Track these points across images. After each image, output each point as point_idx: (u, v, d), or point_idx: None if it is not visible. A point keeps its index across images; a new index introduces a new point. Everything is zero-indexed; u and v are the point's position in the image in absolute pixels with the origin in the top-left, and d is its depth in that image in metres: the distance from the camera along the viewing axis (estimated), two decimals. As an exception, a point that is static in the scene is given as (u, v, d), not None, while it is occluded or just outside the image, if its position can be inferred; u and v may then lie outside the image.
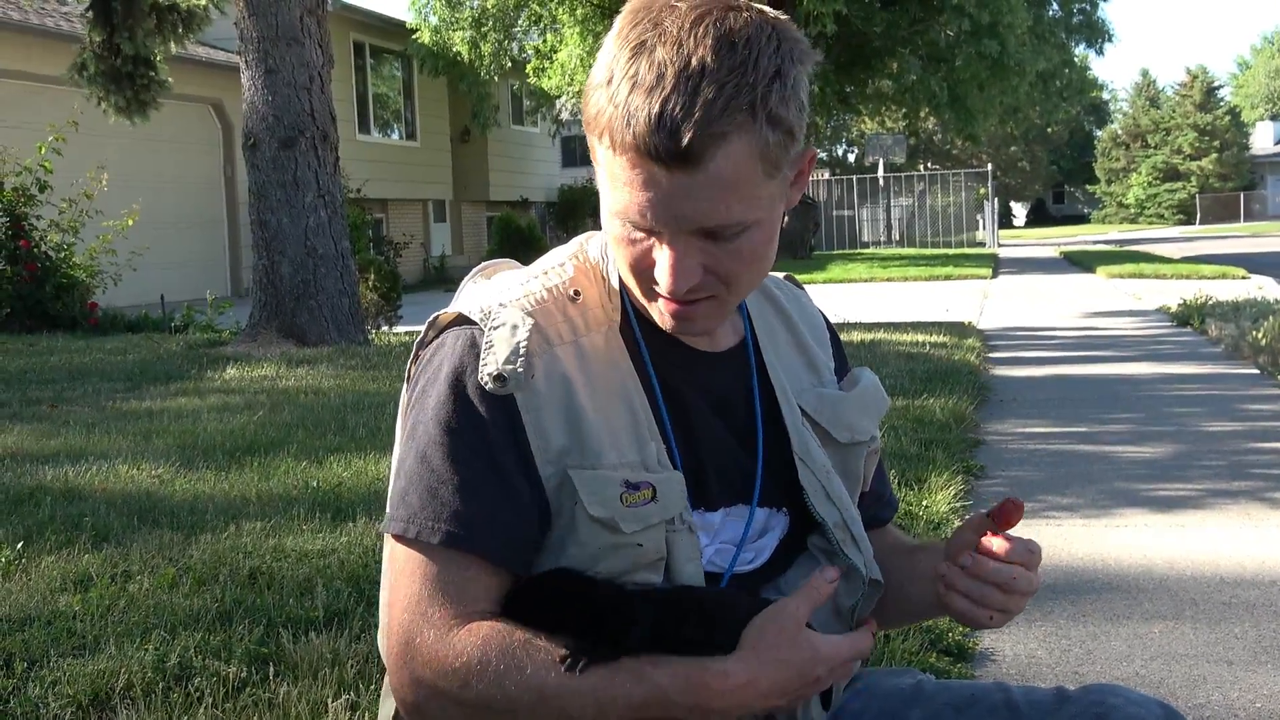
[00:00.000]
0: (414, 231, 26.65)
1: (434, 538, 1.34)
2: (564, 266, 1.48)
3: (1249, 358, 9.22)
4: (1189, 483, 5.40)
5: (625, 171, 1.29)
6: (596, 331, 1.43)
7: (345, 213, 10.92)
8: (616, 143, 1.28)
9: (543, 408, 1.37)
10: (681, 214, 1.29)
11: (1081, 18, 30.30)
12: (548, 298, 1.44)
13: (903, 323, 12.05)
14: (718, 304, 1.39)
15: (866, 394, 1.63)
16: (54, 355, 9.85)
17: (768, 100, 1.26)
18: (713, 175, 1.26)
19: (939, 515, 4.60)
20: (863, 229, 39.55)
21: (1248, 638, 3.44)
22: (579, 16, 23.78)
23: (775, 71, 1.27)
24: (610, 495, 1.36)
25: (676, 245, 1.32)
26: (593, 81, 1.33)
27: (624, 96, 1.26)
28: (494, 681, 1.28)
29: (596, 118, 1.31)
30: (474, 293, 1.51)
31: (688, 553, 1.41)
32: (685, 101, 1.23)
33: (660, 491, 1.38)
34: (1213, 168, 69.39)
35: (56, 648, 3.03)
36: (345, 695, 2.75)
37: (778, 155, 1.30)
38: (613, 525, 1.36)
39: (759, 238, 1.35)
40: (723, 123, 1.24)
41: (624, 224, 1.34)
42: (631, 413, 1.42)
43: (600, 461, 1.38)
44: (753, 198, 1.31)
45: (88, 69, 12.36)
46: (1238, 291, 14.74)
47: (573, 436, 1.38)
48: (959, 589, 1.45)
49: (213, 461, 5.42)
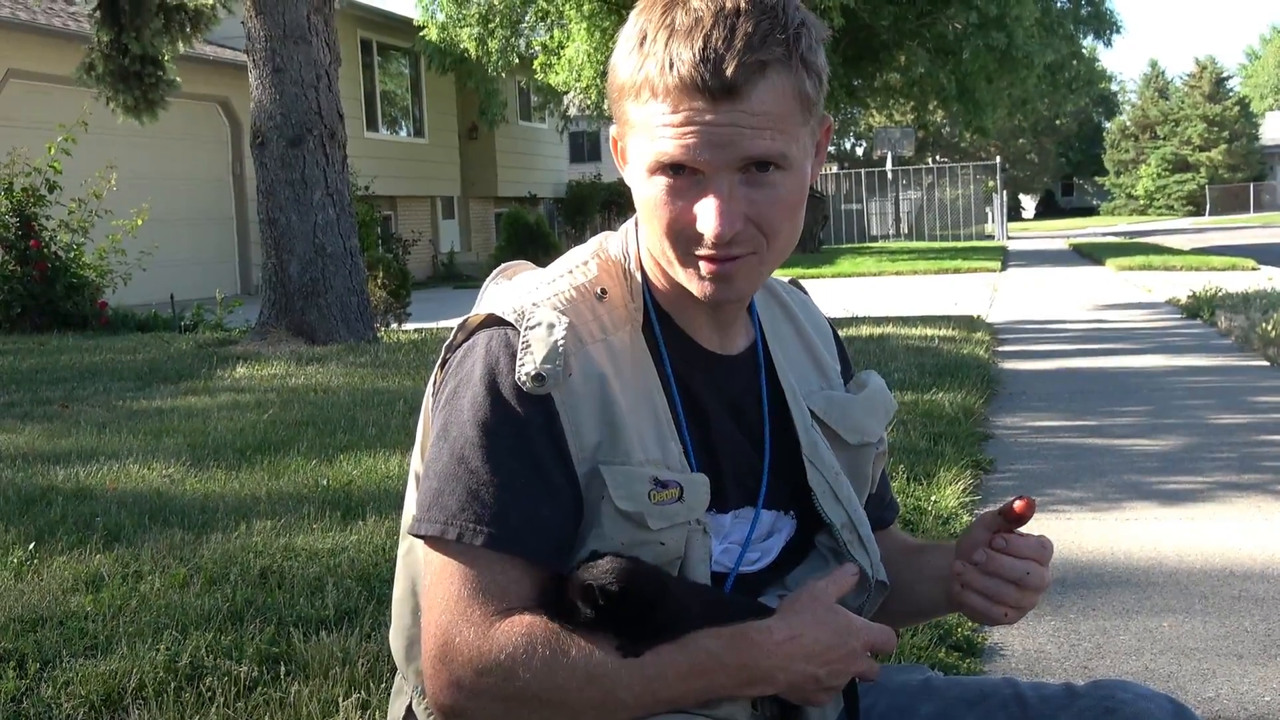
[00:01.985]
0: (422, 228, 26.69)
1: (477, 539, 1.34)
2: (588, 265, 1.49)
3: (1259, 349, 9.19)
4: (1199, 475, 5.39)
5: (668, 114, 1.32)
6: (622, 330, 1.44)
7: (353, 210, 10.92)
8: (659, 89, 1.32)
9: (579, 405, 1.38)
10: (727, 143, 1.32)
11: (1089, 9, 30.26)
12: (576, 296, 1.44)
13: (912, 317, 12.04)
14: (757, 262, 1.40)
15: (874, 396, 1.64)
16: (64, 354, 9.88)
17: (799, 42, 1.33)
18: (755, 105, 1.31)
19: (948, 510, 4.60)
20: (871, 223, 39.49)
21: (1258, 631, 3.44)
22: (586, 12, 23.79)
23: (802, 21, 1.34)
24: (639, 491, 1.37)
25: (720, 188, 1.34)
26: (622, 51, 1.37)
27: (663, 44, 1.32)
28: (542, 669, 1.29)
29: (631, 77, 1.35)
30: (500, 293, 1.51)
31: (700, 553, 1.42)
32: (726, 35, 1.29)
33: (687, 492, 1.40)
34: (1222, 159, 69.17)
35: (69, 648, 3.04)
36: (356, 694, 2.76)
37: (811, 98, 1.36)
38: (640, 520, 1.37)
39: (794, 185, 1.37)
40: (763, 52, 1.30)
41: (663, 177, 1.36)
42: (654, 412, 1.43)
43: (630, 458, 1.39)
44: (792, 135, 1.35)
45: (96, 69, 12.37)
46: (1248, 283, 14.71)
47: (606, 432, 1.39)
48: (975, 586, 1.46)
49: (223, 460, 5.43)
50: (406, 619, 1.54)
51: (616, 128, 1.43)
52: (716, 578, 1.46)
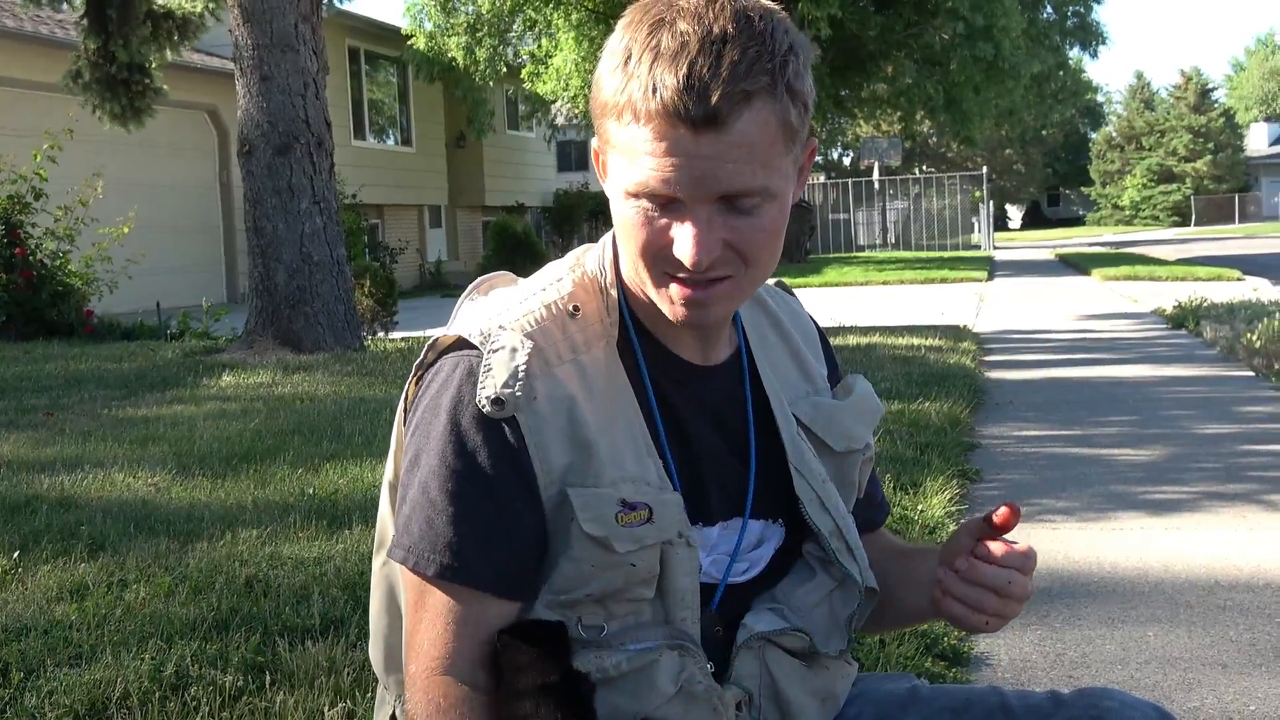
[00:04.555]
0: (410, 237, 26.67)
1: (429, 569, 1.36)
2: (562, 282, 1.47)
3: (1244, 360, 9.23)
4: (1184, 485, 5.40)
5: (649, 142, 1.29)
6: (596, 347, 1.43)
7: (340, 219, 10.91)
8: (640, 113, 1.29)
9: (545, 428, 1.37)
10: (708, 176, 1.29)
11: (1076, 20, 30.40)
12: (546, 316, 1.43)
13: (898, 326, 12.06)
14: (734, 286, 1.38)
15: (861, 401, 1.63)
16: (50, 363, 9.84)
17: (785, 70, 1.29)
18: (738, 137, 1.27)
19: (934, 519, 4.60)
20: (858, 232, 39.57)
21: (1242, 641, 3.45)
22: (574, 21, 23.81)
23: (789, 47, 1.31)
24: (606, 514, 1.36)
25: (699, 216, 1.31)
26: (606, 67, 1.34)
27: (647, 66, 1.28)
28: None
29: (613, 97, 1.32)
30: (471, 312, 1.50)
31: (685, 567, 1.41)
32: (712, 63, 1.26)
33: (657, 513, 1.39)
34: (1207, 169, 69.46)
35: (53, 657, 3.03)
36: (342, 704, 2.75)
37: (795, 127, 1.33)
38: (606, 544, 1.36)
39: (775, 212, 1.35)
40: (748, 82, 1.26)
41: (641, 202, 1.33)
42: (630, 429, 1.42)
43: (601, 479, 1.38)
44: (774, 166, 1.32)
45: (83, 76, 12.36)
46: (1233, 294, 14.76)
47: (575, 454, 1.38)
48: (955, 594, 1.45)
49: (209, 469, 5.42)
50: (384, 630, 1.56)
51: (597, 140, 1.41)
52: (706, 589, 1.46)
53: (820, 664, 1.53)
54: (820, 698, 1.52)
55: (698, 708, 1.42)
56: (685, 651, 1.41)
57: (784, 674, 1.49)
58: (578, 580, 1.38)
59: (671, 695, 1.40)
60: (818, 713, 1.52)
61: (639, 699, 1.40)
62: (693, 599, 1.43)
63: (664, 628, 1.41)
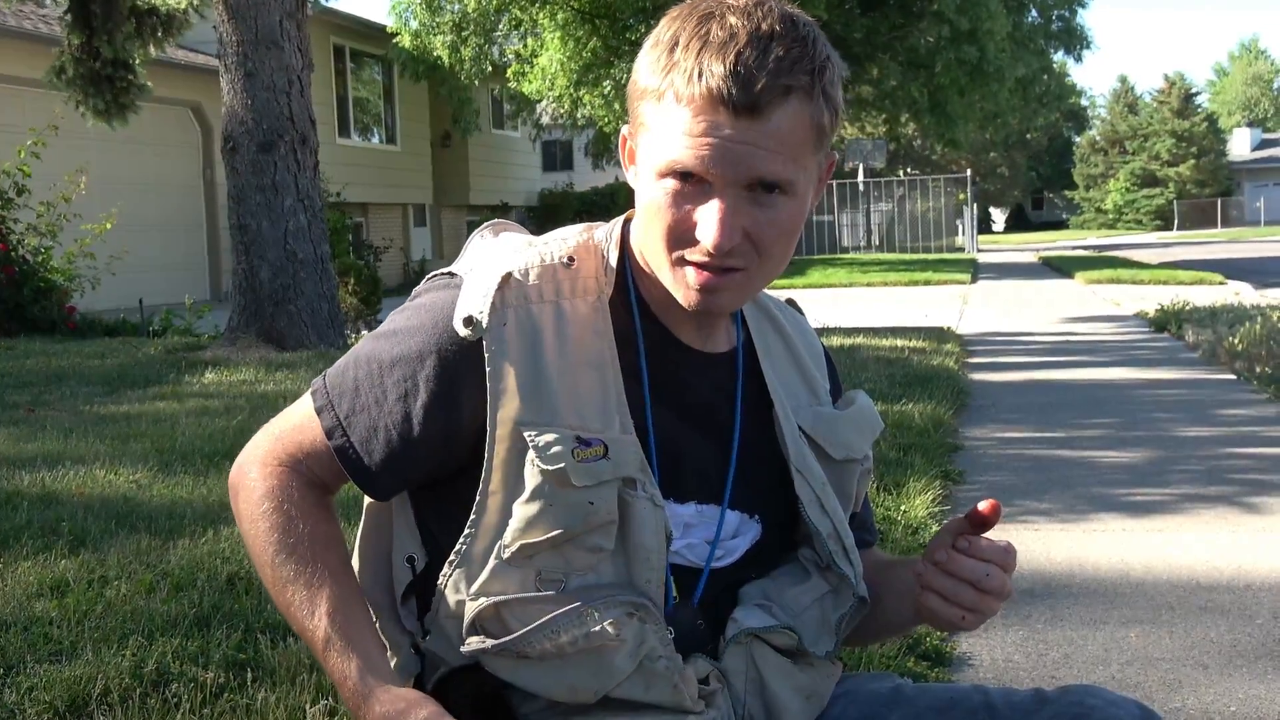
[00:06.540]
0: (394, 236, 26.61)
1: (325, 419, 1.47)
2: (565, 240, 1.52)
3: (1226, 363, 9.27)
4: (1166, 488, 5.42)
5: (687, 121, 1.35)
6: (582, 299, 1.46)
7: (325, 217, 10.88)
8: (683, 96, 1.35)
9: (507, 356, 1.41)
10: (742, 160, 1.35)
11: (1061, 24, 30.47)
12: (539, 262, 1.47)
13: (882, 328, 12.08)
14: (746, 278, 1.42)
15: (861, 414, 1.66)
16: (31, 358, 9.79)
17: (824, 75, 1.37)
18: (774, 128, 1.34)
19: (917, 520, 4.61)
20: (843, 234, 39.60)
21: (1223, 642, 3.46)
22: (560, 21, 23.77)
23: (828, 56, 1.39)
24: (562, 451, 1.39)
25: (726, 198, 1.37)
26: (650, 54, 1.40)
27: (695, 53, 1.35)
28: (264, 525, 1.46)
29: (655, 80, 1.39)
30: (479, 248, 1.56)
31: (651, 526, 1.42)
32: (758, 55, 1.33)
33: (613, 450, 1.41)
34: (1190, 174, 69.74)
35: (33, 653, 3.02)
36: (323, 701, 2.74)
37: (825, 131, 1.40)
38: (564, 479, 1.38)
39: (795, 210, 1.41)
40: (790, 78, 1.34)
41: (671, 182, 1.38)
42: (603, 384, 1.44)
43: (556, 421, 1.40)
44: (802, 164, 1.39)
45: (66, 72, 12.29)
46: (1215, 297, 14.82)
47: (532, 391, 1.41)
48: (933, 586, 1.47)
49: (191, 466, 5.40)
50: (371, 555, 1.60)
51: (628, 127, 1.47)
52: (688, 572, 1.48)
53: (806, 662, 1.54)
54: (805, 695, 1.53)
55: (658, 685, 1.42)
56: (646, 616, 1.41)
57: (771, 670, 1.50)
58: (535, 523, 1.39)
59: (630, 672, 1.41)
60: (803, 710, 1.52)
61: (597, 676, 1.41)
62: (659, 560, 1.43)
63: (627, 590, 1.42)
